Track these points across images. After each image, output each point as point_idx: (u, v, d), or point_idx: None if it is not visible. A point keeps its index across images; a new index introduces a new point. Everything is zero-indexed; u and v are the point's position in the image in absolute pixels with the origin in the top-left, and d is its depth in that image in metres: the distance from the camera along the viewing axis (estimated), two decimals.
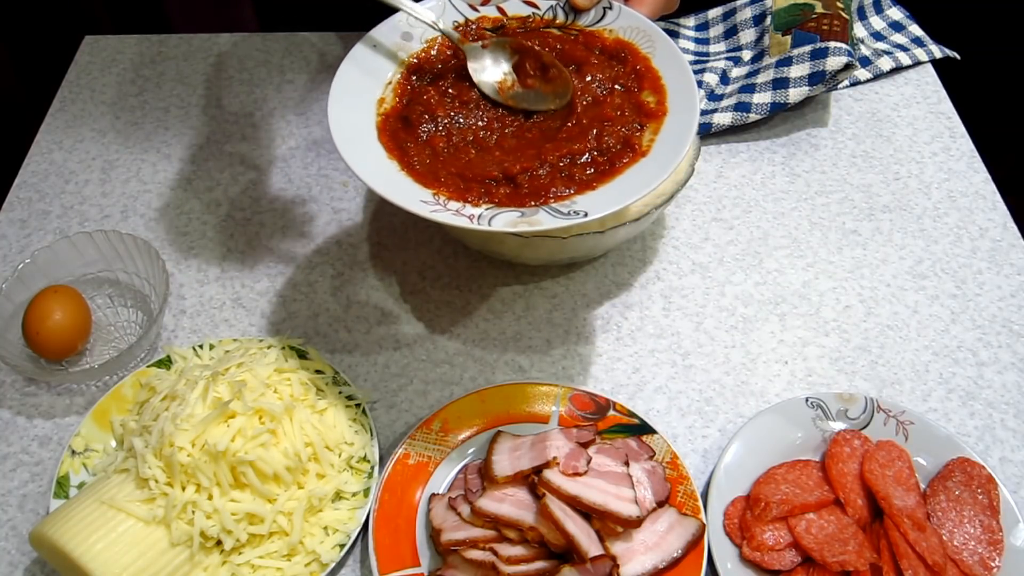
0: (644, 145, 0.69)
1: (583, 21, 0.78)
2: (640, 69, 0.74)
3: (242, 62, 1.05)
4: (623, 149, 0.69)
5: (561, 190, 0.67)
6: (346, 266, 0.86)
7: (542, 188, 0.67)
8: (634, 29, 0.76)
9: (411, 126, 0.71)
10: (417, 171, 0.68)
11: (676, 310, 0.83)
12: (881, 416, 0.73)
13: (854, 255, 0.87)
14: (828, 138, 0.97)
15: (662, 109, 0.71)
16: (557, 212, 0.64)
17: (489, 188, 0.67)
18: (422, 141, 0.71)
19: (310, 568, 0.65)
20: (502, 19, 0.79)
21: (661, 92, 0.72)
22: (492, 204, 0.66)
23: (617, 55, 0.75)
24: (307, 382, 0.72)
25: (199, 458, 0.63)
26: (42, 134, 0.98)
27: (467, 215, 0.64)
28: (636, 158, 0.68)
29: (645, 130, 0.70)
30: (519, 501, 0.65)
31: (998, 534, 0.66)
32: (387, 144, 0.70)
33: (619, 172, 0.68)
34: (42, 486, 0.72)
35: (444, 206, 0.65)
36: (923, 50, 1.04)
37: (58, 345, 0.75)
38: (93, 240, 0.81)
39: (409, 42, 0.77)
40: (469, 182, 0.68)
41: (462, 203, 0.66)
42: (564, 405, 0.74)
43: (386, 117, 0.72)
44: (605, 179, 0.68)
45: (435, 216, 0.63)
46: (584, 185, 0.67)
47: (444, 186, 0.67)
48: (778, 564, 0.65)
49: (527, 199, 0.66)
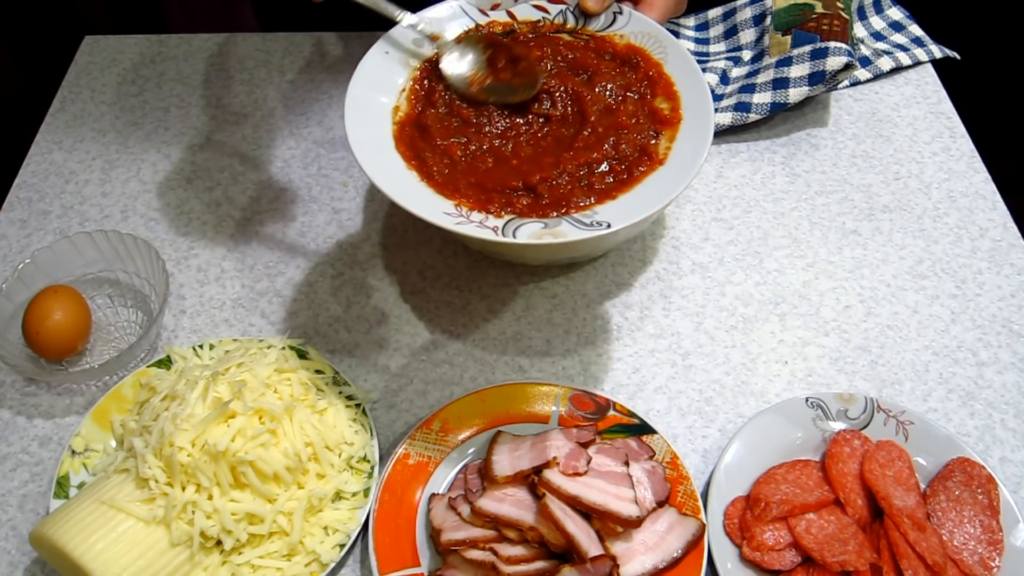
0: (661, 153, 0.69)
1: (593, 26, 0.77)
2: (653, 75, 0.74)
3: (242, 62, 1.05)
4: (640, 157, 0.69)
5: (581, 200, 0.67)
6: (346, 266, 0.86)
7: (563, 198, 0.67)
8: (645, 34, 0.76)
9: (428, 133, 0.71)
10: (437, 181, 0.68)
11: (676, 310, 0.83)
12: (881, 416, 0.73)
13: (854, 255, 0.87)
14: (828, 138, 0.97)
15: (676, 116, 0.71)
16: (580, 223, 0.64)
17: (510, 198, 0.67)
18: (439, 150, 0.70)
19: (310, 568, 0.65)
20: (512, 24, 0.79)
21: (675, 99, 0.72)
22: (514, 215, 0.66)
23: (629, 61, 0.75)
24: (307, 382, 0.72)
25: (199, 458, 0.63)
26: (42, 134, 0.98)
27: (491, 227, 0.64)
28: (654, 166, 0.68)
29: (661, 138, 0.70)
30: (519, 501, 0.65)
31: (998, 534, 0.66)
32: (405, 154, 0.70)
33: (637, 181, 0.68)
34: (42, 486, 0.72)
35: (467, 218, 0.65)
36: (923, 50, 1.04)
37: (58, 345, 0.75)
38: (93, 240, 0.81)
39: (421, 48, 0.76)
40: (489, 192, 0.67)
41: (484, 214, 0.66)
42: (564, 405, 0.74)
43: (402, 126, 0.72)
44: (624, 188, 0.68)
45: (460, 229, 0.63)
46: (604, 195, 0.67)
47: (464, 196, 0.67)
48: (778, 564, 0.65)
49: (548, 209, 0.66)
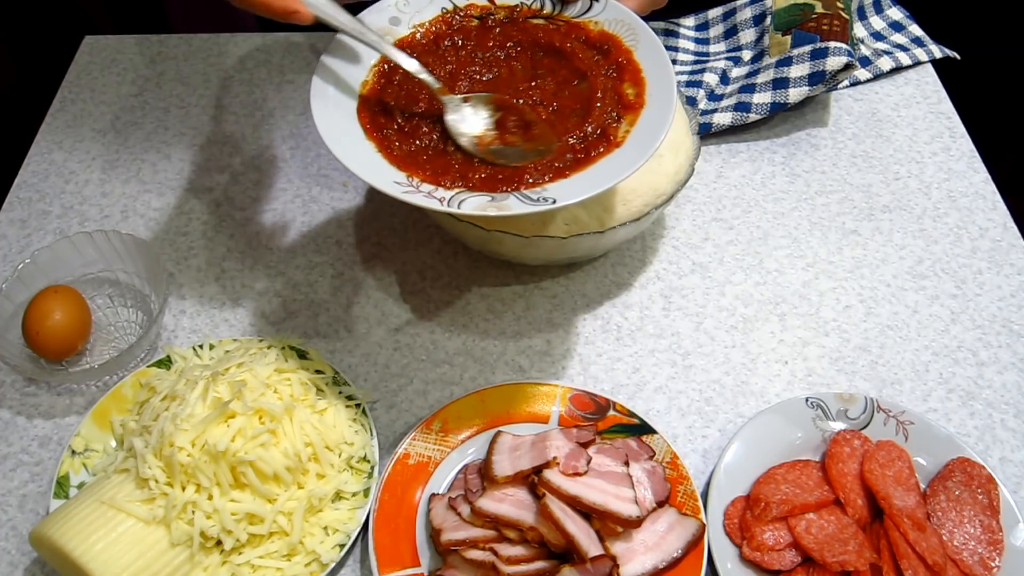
0: (619, 136, 0.69)
1: (570, 12, 0.78)
2: (622, 61, 0.74)
3: (242, 62, 1.05)
4: (599, 139, 0.69)
5: (535, 177, 0.67)
6: (346, 266, 0.86)
7: (517, 174, 0.67)
8: (619, 22, 0.76)
9: (388, 112, 0.72)
10: (395, 155, 0.69)
11: (676, 310, 0.83)
12: (881, 416, 0.73)
13: (854, 255, 0.87)
14: (828, 138, 0.97)
15: (640, 102, 0.71)
16: (527, 198, 0.65)
17: (465, 172, 0.68)
18: (402, 129, 0.71)
19: (310, 568, 0.65)
20: (490, 7, 0.79)
21: (640, 85, 0.72)
22: (465, 188, 0.67)
23: (600, 47, 0.76)
24: (307, 382, 0.72)
25: (199, 458, 0.63)
26: (42, 134, 0.98)
27: (438, 197, 0.65)
28: (610, 148, 0.69)
29: (622, 121, 0.70)
30: (519, 501, 0.65)
31: (998, 534, 0.66)
32: (365, 126, 0.71)
33: (593, 161, 0.68)
34: (42, 486, 0.72)
35: (416, 188, 0.66)
36: (923, 50, 1.04)
37: (58, 345, 0.75)
38: (93, 240, 0.81)
39: (397, 27, 0.77)
40: (447, 166, 0.68)
41: (435, 186, 0.66)
42: (564, 405, 0.74)
43: (365, 100, 0.73)
44: (578, 168, 0.68)
45: (406, 198, 0.64)
46: (558, 173, 0.68)
47: (422, 169, 0.68)
48: (778, 564, 0.65)
49: (500, 184, 0.67)
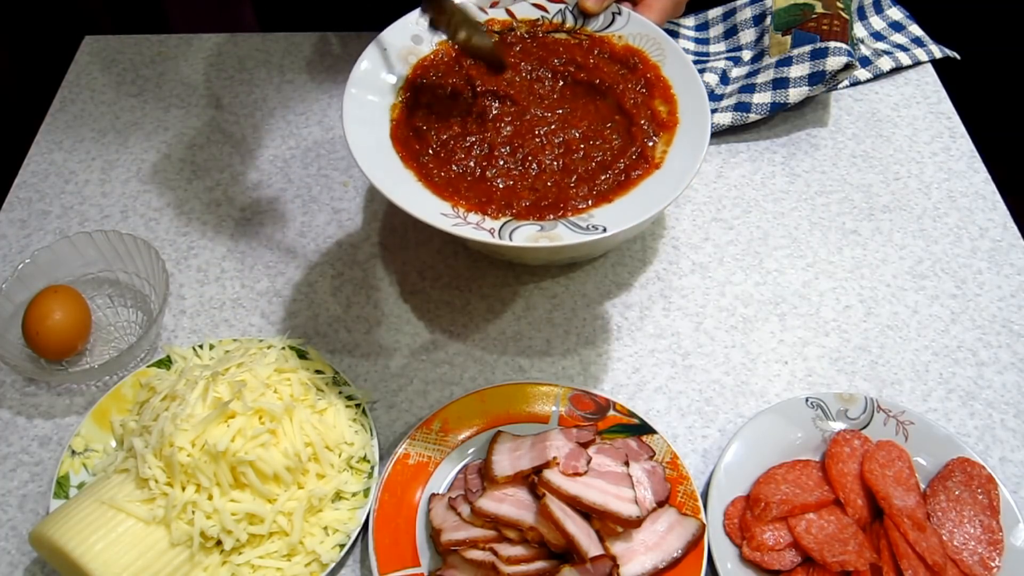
0: (657, 157, 0.69)
1: (592, 26, 0.77)
2: (650, 77, 0.73)
3: (242, 62, 1.05)
4: (637, 160, 0.69)
5: (579, 202, 0.67)
6: (346, 266, 0.86)
7: (561, 199, 0.67)
8: (643, 36, 0.75)
9: (422, 137, 0.71)
10: (436, 184, 0.68)
11: (676, 310, 0.83)
12: (881, 416, 0.73)
13: (854, 255, 0.87)
14: (828, 138, 0.97)
15: (673, 120, 0.71)
16: (576, 226, 0.64)
17: (508, 199, 0.67)
18: (438, 155, 0.70)
19: (310, 568, 0.65)
20: (511, 22, 0.79)
21: (672, 102, 0.72)
22: (512, 217, 0.66)
23: (627, 62, 0.75)
24: (307, 382, 0.72)
25: (199, 458, 0.63)
26: (42, 134, 0.98)
27: (487, 228, 0.64)
28: (650, 170, 0.68)
29: (658, 141, 0.70)
30: (519, 501, 0.65)
31: (998, 534, 0.66)
32: (400, 153, 0.70)
33: (634, 184, 0.68)
34: (42, 486, 0.72)
35: (464, 219, 0.65)
36: (923, 50, 1.04)
37: (58, 345, 0.75)
38: (93, 240, 0.81)
39: (420, 45, 0.76)
40: (490, 194, 0.68)
41: (481, 216, 0.66)
42: (564, 405, 0.74)
43: (397, 124, 0.72)
44: (620, 192, 0.68)
45: (456, 231, 0.63)
46: (600, 198, 0.67)
47: (464, 198, 0.67)
48: (778, 564, 0.65)
49: (546, 212, 0.66)
